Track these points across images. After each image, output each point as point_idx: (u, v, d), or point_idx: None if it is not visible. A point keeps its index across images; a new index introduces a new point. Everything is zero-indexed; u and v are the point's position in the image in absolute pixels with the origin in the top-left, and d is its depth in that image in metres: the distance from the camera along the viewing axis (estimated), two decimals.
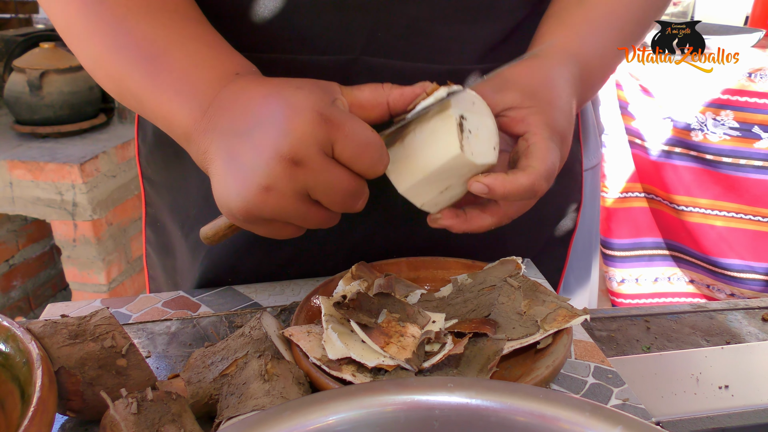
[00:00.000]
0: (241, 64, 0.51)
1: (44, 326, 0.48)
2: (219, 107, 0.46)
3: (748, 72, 1.77)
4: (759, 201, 1.86)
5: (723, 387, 0.56)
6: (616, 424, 0.34)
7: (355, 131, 0.44)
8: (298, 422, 0.35)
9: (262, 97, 0.45)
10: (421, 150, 0.49)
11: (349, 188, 0.45)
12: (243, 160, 0.44)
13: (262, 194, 0.43)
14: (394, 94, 0.48)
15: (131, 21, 0.50)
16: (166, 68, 0.49)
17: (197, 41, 0.51)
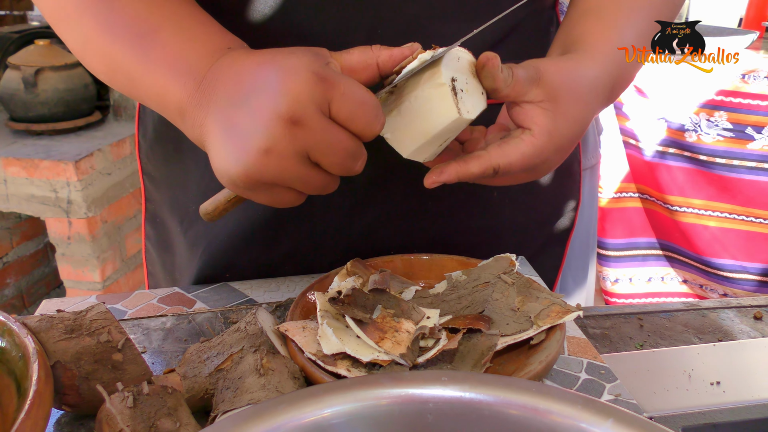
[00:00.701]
0: (232, 40, 0.51)
1: (40, 321, 0.48)
2: (213, 79, 0.46)
3: (742, 73, 1.78)
4: (752, 202, 1.87)
5: (715, 383, 0.57)
6: (608, 416, 0.34)
7: (352, 90, 0.44)
8: (294, 415, 0.35)
9: (255, 65, 0.45)
10: (420, 117, 0.49)
11: (348, 148, 0.45)
12: (241, 127, 0.43)
13: (262, 157, 0.43)
14: (383, 55, 0.48)
15: (122, 0, 0.50)
16: (159, 44, 0.48)
17: (189, 18, 0.51)
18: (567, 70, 0.55)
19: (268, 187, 0.46)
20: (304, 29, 0.60)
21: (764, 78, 1.77)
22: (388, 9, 0.60)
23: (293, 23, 0.60)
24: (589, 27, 0.60)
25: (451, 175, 0.51)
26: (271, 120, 0.42)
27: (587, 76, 0.55)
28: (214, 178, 0.67)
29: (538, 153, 0.52)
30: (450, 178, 0.51)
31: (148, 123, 0.72)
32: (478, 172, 0.50)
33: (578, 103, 0.54)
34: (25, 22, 2.70)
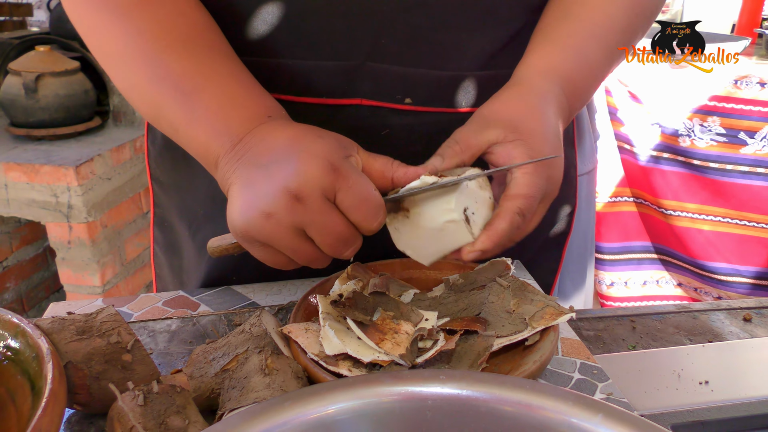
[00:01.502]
0: (272, 107, 0.55)
1: (52, 323, 0.50)
2: (247, 143, 0.51)
3: (734, 79, 1.80)
4: (745, 206, 1.89)
5: (703, 382, 0.59)
6: (598, 412, 0.36)
7: (359, 185, 0.49)
8: (299, 412, 0.37)
9: (286, 139, 0.50)
10: (437, 241, 0.55)
11: (341, 234, 0.49)
12: (255, 187, 0.48)
13: (261, 218, 0.48)
14: (399, 172, 0.53)
15: (171, 55, 0.54)
16: (203, 104, 0.53)
17: (232, 79, 0.55)
18: (514, 99, 0.59)
19: (262, 245, 0.50)
20: (312, 39, 0.62)
21: (756, 83, 1.80)
22: (392, 20, 0.62)
23: (302, 34, 0.62)
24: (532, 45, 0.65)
25: (485, 243, 0.53)
26: (279, 190, 0.47)
27: (534, 94, 0.59)
28: None
29: (537, 175, 0.54)
30: (485, 246, 0.53)
31: (157, 130, 0.74)
32: (506, 224, 0.53)
33: (537, 118, 0.57)
34: (24, 28, 2.71)
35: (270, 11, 0.62)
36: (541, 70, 0.61)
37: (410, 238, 0.55)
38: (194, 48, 0.56)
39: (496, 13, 0.65)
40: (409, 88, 0.65)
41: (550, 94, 0.59)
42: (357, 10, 0.61)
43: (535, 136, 0.55)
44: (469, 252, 0.53)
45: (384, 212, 0.51)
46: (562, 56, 0.62)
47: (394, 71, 0.64)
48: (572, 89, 0.62)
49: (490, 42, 0.66)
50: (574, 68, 0.62)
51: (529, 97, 0.59)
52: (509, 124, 0.55)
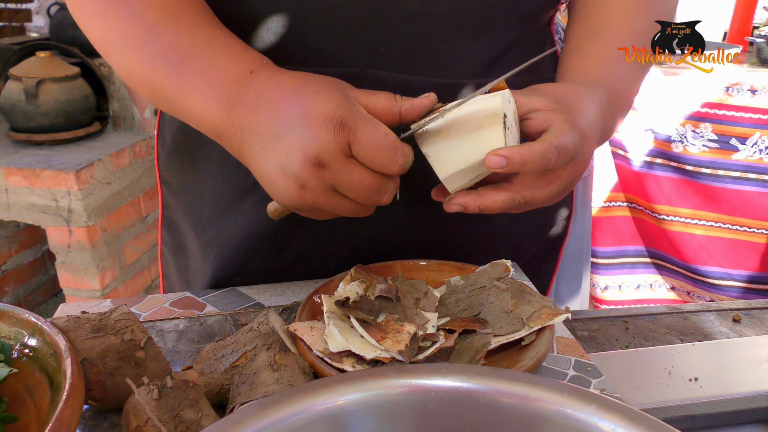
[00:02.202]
0: (253, 60, 0.56)
1: (68, 321, 0.52)
2: (241, 109, 0.52)
3: (726, 86, 1.84)
4: (737, 210, 1.92)
5: (693, 379, 0.61)
6: (591, 402, 0.38)
7: (368, 135, 0.49)
8: (310, 403, 0.39)
9: (281, 101, 0.51)
10: (467, 142, 0.53)
11: (370, 185, 0.51)
12: (278, 162, 0.50)
13: (299, 191, 0.51)
14: (405, 105, 0.53)
15: (158, 30, 0.56)
16: (190, 73, 0.55)
17: (213, 44, 0.56)
18: (563, 85, 0.61)
19: (308, 210, 0.54)
20: (314, 47, 0.64)
21: (747, 91, 1.83)
22: (391, 29, 0.64)
23: (303, 41, 0.64)
24: (569, 64, 0.67)
25: (513, 152, 0.51)
26: (302, 162, 0.49)
27: (581, 87, 0.61)
28: (227, 187, 0.72)
29: (573, 133, 0.54)
30: (513, 154, 0.51)
31: (167, 133, 0.76)
32: (541, 149, 0.51)
33: (580, 100, 0.59)
34: (23, 33, 2.73)
35: (274, 20, 0.64)
36: (585, 80, 0.63)
37: (438, 140, 0.53)
38: (178, 20, 0.57)
39: (492, 23, 0.68)
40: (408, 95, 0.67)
41: (594, 94, 0.61)
42: (358, 19, 0.63)
43: (574, 110, 0.56)
44: (493, 154, 0.51)
45: (402, 151, 0.51)
46: (601, 70, 0.65)
47: (393, 78, 0.66)
48: (614, 100, 0.64)
49: (487, 51, 0.69)
50: (613, 81, 0.64)
51: (576, 87, 0.61)
52: (555, 98, 0.57)
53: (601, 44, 0.66)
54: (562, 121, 0.54)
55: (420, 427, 0.40)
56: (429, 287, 0.63)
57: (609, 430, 0.37)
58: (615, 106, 0.64)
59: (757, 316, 0.78)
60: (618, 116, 0.67)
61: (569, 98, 0.58)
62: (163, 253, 0.83)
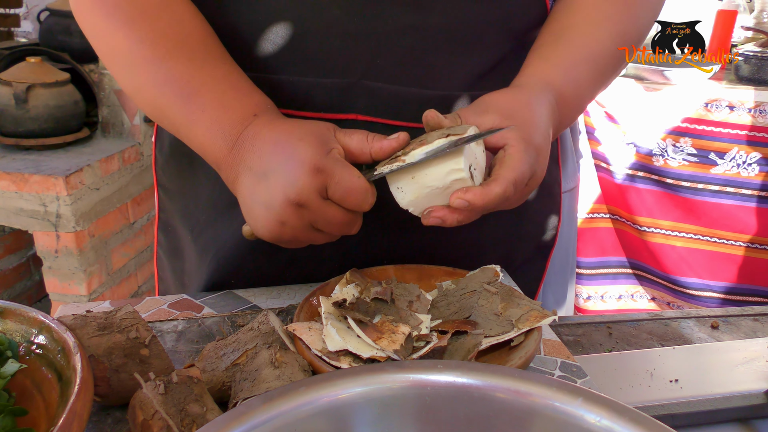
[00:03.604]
0: (258, 104, 0.61)
1: (74, 319, 0.53)
2: (241, 147, 0.59)
3: (705, 102, 1.89)
4: (716, 223, 1.97)
5: (674, 380, 0.64)
6: (578, 396, 0.41)
7: (343, 179, 0.55)
8: (313, 396, 0.41)
9: (272, 144, 0.57)
10: (442, 198, 0.58)
11: (342, 221, 0.57)
12: (263, 199, 0.56)
13: (279, 227, 0.57)
14: (375, 147, 0.58)
15: (170, 61, 0.60)
16: (199, 107, 0.59)
17: (224, 82, 0.61)
18: (513, 94, 0.64)
19: (287, 242, 0.59)
20: (311, 58, 0.67)
21: (726, 107, 1.89)
22: (386, 42, 0.66)
23: (301, 52, 0.67)
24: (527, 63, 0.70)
25: (476, 197, 0.56)
26: (283, 202, 0.55)
27: (531, 94, 0.64)
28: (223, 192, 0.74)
29: (528, 155, 0.58)
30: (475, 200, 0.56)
31: (165, 138, 0.78)
32: (500, 189, 0.56)
33: (531, 112, 0.62)
34: (11, 38, 2.73)
35: (272, 31, 0.66)
36: (536, 81, 0.67)
37: (414, 196, 0.58)
38: (190, 53, 0.61)
39: (483, 38, 0.70)
40: (402, 105, 0.70)
41: (543, 98, 0.64)
42: (354, 31, 0.66)
43: (527, 124, 0.61)
44: (458, 198, 0.56)
45: (372, 192, 0.57)
46: (554, 72, 0.67)
47: (387, 89, 0.68)
48: (563, 103, 0.67)
49: (478, 65, 0.71)
50: (564, 84, 0.67)
51: (526, 95, 0.64)
52: (507, 112, 0.61)
53: (562, 49, 0.69)
54: (517, 141, 0.59)
55: (417, 420, 0.42)
56: (422, 291, 0.66)
57: (594, 421, 0.40)
58: (564, 109, 0.67)
59: (734, 323, 0.81)
60: (567, 118, 0.70)
61: (520, 111, 0.62)
62: (159, 255, 0.85)
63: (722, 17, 2.06)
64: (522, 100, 0.63)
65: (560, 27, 0.71)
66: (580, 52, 0.69)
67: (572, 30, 0.70)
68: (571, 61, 0.69)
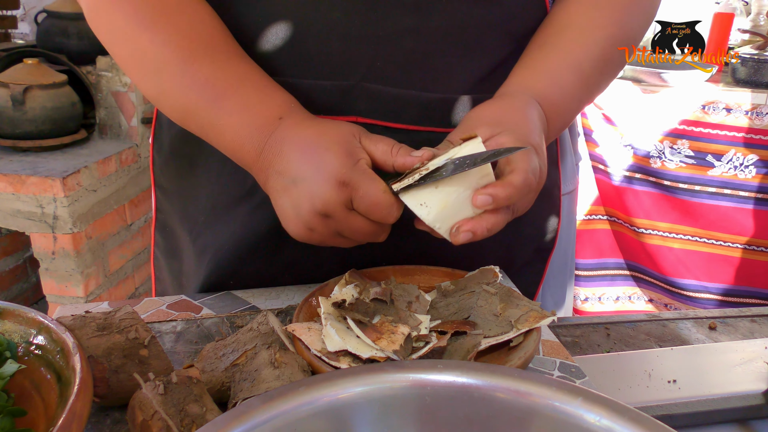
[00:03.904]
0: (282, 105, 0.62)
1: (74, 320, 0.53)
2: (269, 152, 0.60)
3: (702, 104, 1.90)
4: (713, 225, 1.98)
5: (671, 381, 0.64)
6: (577, 396, 0.41)
7: (368, 193, 0.56)
8: (314, 396, 0.41)
9: (300, 152, 0.58)
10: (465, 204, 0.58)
11: (368, 231, 0.59)
12: (292, 204, 0.59)
13: (308, 233, 0.59)
14: (398, 162, 0.59)
15: (194, 65, 0.61)
16: (225, 111, 0.60)
17: (247, 83, 0.62)
18: (497, 103, 0.65)
19: (316, 243, 0.61)
20: (311, 60, 0.67)
21: (723, 109, 1.89)
22: (387, 44, 0.67)
23: (302, 54, 0.67)
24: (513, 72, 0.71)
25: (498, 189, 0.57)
26: (310, 211, 0.57)
27: (516, 101, 0.65)
28: (222, 192, 0.74)
29: (531, 158, 0.59)
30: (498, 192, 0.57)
31: (164, 139, 0.78)
32: (520, 179, 0.57)
33: (519, 114, 0.63)
34: (9, 40, 2.72)
35: (273, 33, 0.67)
36: (520, 89, 0.67)
37: (441, 207, 0.58)
38: (213, 54, 0.62)
39: (483, 41, 0.71)
40: (401, 108, 0.70)
41: (530, 103, 0.65)
42: (355, 34, 0.66)
43: (519, 125, 0.61)
44: (480, 194, 0.56)
45: (397, 206, 0.58)
46: (536, 78, 0.68)
47: (387, 92, 0.69)
48: (550, 108, 0.67)
49: (478, 68, 0.72)
50: (546, 88, 0.68)
51: (511, 102, 0.65)
52: (495, 121, 0.61)
53: (544, 55, 0.70)
54: (514, 142, 0.59)
55: (417, 420, 0.42)
56: (421, 291, 0.66)
57: (594, 421, 0.40)
58: (552, 114, 0.68)
59: (731, 324, 0.82)
60: (557, 123, 0.70)
61: (509, 116, 0.62)
62: (156, 256, 0.85)
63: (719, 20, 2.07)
64: (507, 106, 0.64)
65: (545, 35, 0.72)
66: (565, 59, 0.69)
67: (557, 37, 0.71)
68: (553, 66, 0.69)
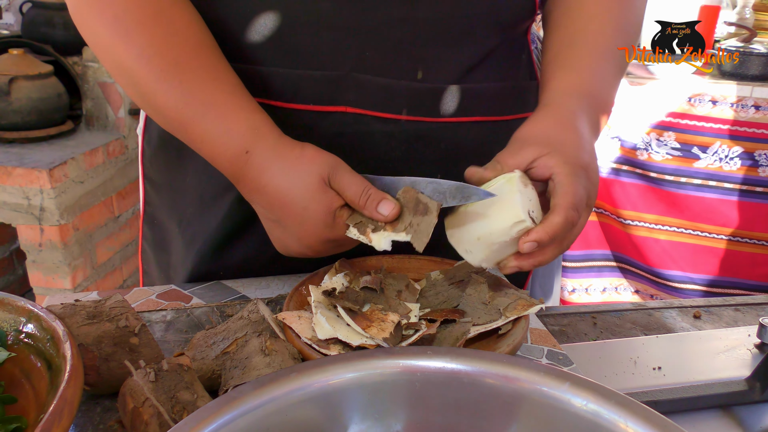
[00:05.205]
0: (246, 135, 0.61)
1: (64, 308, 0.53)
2: (245, 187, 0.63)
3: (689, 97, 1.91)
4: (698, 217, 2.00)
5: (657, 368, 0.65)
6: (565, 381, 0.41)
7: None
8: (304, 382, 0.41)
9: (279, 205, 0.60)
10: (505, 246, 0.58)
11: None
12: (282, 241, 0.64)
13: (303, 250, 0.63)
14: (366, 212, 0.60)
15: (165, 84, 0.60)
16: (195, 138, 0.63)
17: (210, 113, 0.61)
18: (545, 119, 0.64)
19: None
20: (300, 50, 0.67)
21: (709, 101, 1.91)
22: (375, 34, 0.67)
23: (290, 45, 0.67)
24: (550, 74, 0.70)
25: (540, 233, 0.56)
26: (300, 248, 0.62)
27: (563, 112, 0.64)
28: (210, 183, 0.74)
29: (577, 178, 0.58)
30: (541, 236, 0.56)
31: (153, 131, 0.78)
32: (561, 218, 0.56)
33: (567, 131, 0.62)
34: None
35: (262, 24, 0.66)
36: (566, 91, 0.66)
37: (484, 255, 0.58)
38: (182, 74, 0.61)
39: (471, 31, 0.71)
40: (390, 97, 0.70)
41: (579, 110, 0.64)
42: (343, 24, 0.66)
43: (567, 145, 0.60)
44: (524, 242, 0.56)
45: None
46: (580, 76, 0.68)
47: (376, 82, 0.69)
48: (596, 103, 0.67)
49: (467, 58, 0.72)
50: (593, 85, 0.68)
51: (560, 114, 0.64)
52: (543, 140, 0.60)
53: (578, 52, 0.70)
54: (562, 166, 0.58)
55: (407, 405, 0.43)
56: (410, 280, 0.66)
57: (581, 405, 0.40)
58: (599, 110, 0.68)
59: (715, 313, 0.83)
60: (604, 118, 0.70)
61: (559, 134, 0.61)
62: (144, 249, 0.85)
63: (705, 13, 2.08)
64: (557, 120, 0.63)
65: (570, 33, 0.72)
66: (596, 51, 0.70)
67: (582, 33, 0.71)
68: (590, 61, 0.69)
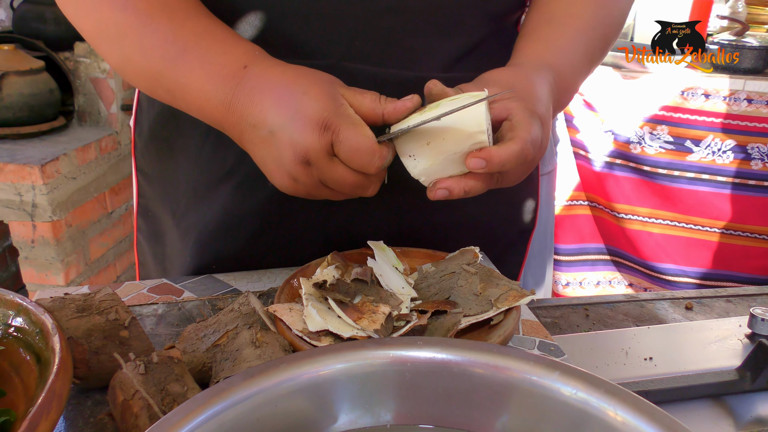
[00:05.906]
0: (246, 53, 0.58)
1: (53, 301, 0.53)
2: (238, 103, 0.56)
3: (682, 90, 1.92)
4: (692, 210, 2.00)
5: (648, 359, 0.65)
6: (555, 370, 0.41)
7: (349, 138, 0.53)
8: (294, 373, 0.41)
9: (274, 99, 0.54)
10: (448, 147, 0.55)
11: (353, 182, 0.55)
12: (273, 156, 0.56)
13: (292, 183, 0.56)
14: (388, 108, 0.56)
15: (153, 23, 0.58)
16: (188, 67, 0.57)
17: (207, 37, 0.59)
18: (513, 71, 0.64)
19: (304, 196, 0.59)
20: (290, 39, 0.67)
21: (702, 95, 1.91)
22: (365, 23, 0.67)
23: (280, 34, 0.67)
24: (521, 45, 0.70)
25: (495, 153, 0.54)
26: (292, 160, 0.54)
27: (530, 71, 0.64)
28: (203, 174, 0.74)
29: (534, 122, 0.57)
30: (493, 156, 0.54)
31: (144, 123, 0.78)
32: (518, 147, 0.54)
33: (532, 85, 0.62)
34: None
35: (252, 12, 0.66)
36: (533, 62, 0.67)
37: (428, 164, 0.56)
38: (172, 13, 0.59)
39: (461, 21, 0.71)
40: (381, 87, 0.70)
41: (542, 76, 0.64)
42: (333, 13, 0.66)
43: (529, 96, 0.60)
44: (473, 156, 0.54)
45: (380, 154, 0.54)
46: (550, 53, 0.68)
47: (366, 71, 0.69)
48: (560, 82, 0.67)
49: (456, 47, 0.72)
50: (560, 64, 0.68)
51: (526, 71, 0.64)
52: (506, 85, 0.60)
53: (553, 31, 0.70)
54: (521, 109, 0.58)
55: (397, 395, 0.43)
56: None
57: (570, 394, 0.40)
58: (561, 88, 0.68)
59: (707, 304, 0.83)
60: (564, 98, 0.70)
61: (522, 84, 0.61)
62: (139, 241, 0.85)
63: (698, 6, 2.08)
64: (521, 74, 0.63)
65: (548, 11, 0.72)
66: (571, 34, 0.70)
67: (560, 13, 0.71)
68: (564, 42, 0.70)
